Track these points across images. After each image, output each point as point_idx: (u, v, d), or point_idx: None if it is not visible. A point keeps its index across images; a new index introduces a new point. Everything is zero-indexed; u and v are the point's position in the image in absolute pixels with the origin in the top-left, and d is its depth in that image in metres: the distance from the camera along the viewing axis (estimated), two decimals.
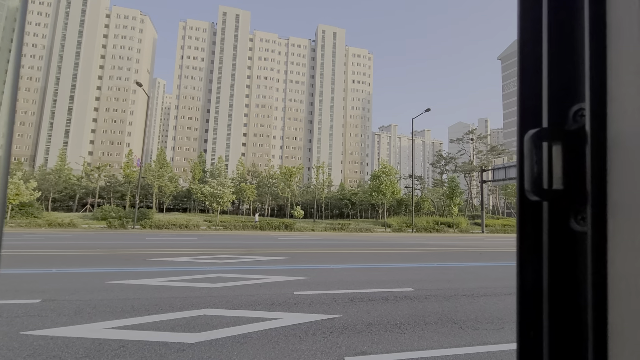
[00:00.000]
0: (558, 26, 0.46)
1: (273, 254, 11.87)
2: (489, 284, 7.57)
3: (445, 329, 4.45)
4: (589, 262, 0.43)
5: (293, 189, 39.60)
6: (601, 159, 0.43)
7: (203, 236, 19.81)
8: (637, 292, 0.37)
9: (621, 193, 0.41)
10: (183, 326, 4.28)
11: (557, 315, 0.48)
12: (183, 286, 6.47)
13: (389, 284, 7.26)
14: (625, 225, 0.39)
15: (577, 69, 0.45)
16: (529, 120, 0.50)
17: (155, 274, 7.60)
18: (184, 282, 6.86)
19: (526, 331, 0.50)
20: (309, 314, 4.92)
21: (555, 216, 0.49)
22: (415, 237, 23.76)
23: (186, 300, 5.45)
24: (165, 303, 5.29)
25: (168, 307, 5.06)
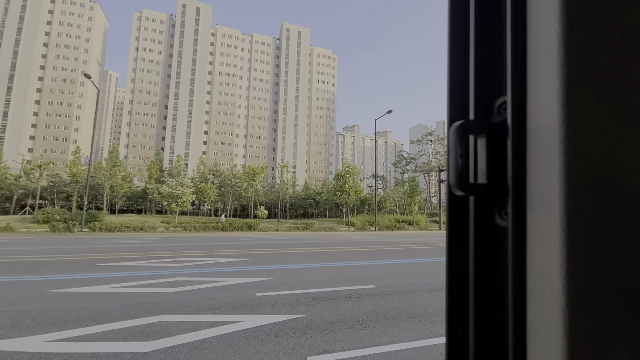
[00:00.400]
0: (483, 20, 0.47)
1: (235, 255, 11.56)
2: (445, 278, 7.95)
3: (405, 324, 4.59)
4: (510, 259, 0.43)
5: (257, 188, 38.90)
6: (521, 152, 0.42)
7: (160, 239, 18.81)
8: (551, 291, 0.37)
9: (539, 187, 0.40)
10: (136, 335, 4.01)
11: (482, 314, 0.47)
12: (136, 292, 6.07)
13: (352, 281, 7.36)
14: (542, 221, 0.39)
15: (500, 62, 0.46)
16: (457, 114, 0.50)
17: (105, 280, 7.06)
18: (137, 287, 6.44)
19: (454, 329, 0.49)
20: (271, 315, 4.84)
21: (480, 211, 0.48)
22: (378, 235, 24.42)
23: (140, 307, 5.12)
24: (116, 311, 4.93)
25: (119, 315, 4.72)
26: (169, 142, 79.44)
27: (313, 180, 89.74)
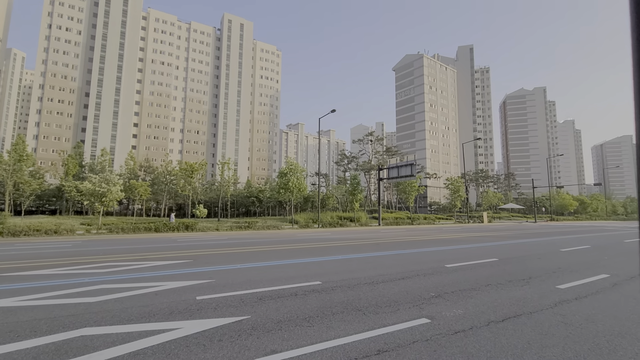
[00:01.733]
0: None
1: (171, 257, 10.74)
2: (385, 271, 8.36)
3: (350, 317, 4.70)
4: None
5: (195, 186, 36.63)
6: None
7: (80, 242, 16.65)
8: None
9: None
10: (50, 354, 3.45)
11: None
12: (50, 304, 5.25)
13: (297, 279, 7.33)
14: None
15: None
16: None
17: (7, 293, 6.00)
18: (50, 299, 5.58)
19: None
20: (214, 319, 4.57)
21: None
22: (321, 232, 24.79)
23: (55, 321, 4.44)
24: (24, 327, 4.20)
25: (29, 333, 4.03)
26: (90, 134, 70.79)
27: (256, 177, 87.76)
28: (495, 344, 3.79)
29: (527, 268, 8.93)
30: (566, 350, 3.65)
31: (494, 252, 12.29)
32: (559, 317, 4.82)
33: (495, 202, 66.07)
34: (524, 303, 5.54)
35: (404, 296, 5.88)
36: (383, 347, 3.69)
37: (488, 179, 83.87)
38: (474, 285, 6.85)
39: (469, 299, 5.73)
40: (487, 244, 15.95)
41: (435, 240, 17.80)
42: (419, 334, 4.06)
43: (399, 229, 29.81)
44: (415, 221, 40.42)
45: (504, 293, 6.19)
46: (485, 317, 4.77)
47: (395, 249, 13.26)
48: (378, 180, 36.86)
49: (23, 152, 33.41)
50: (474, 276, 7.78)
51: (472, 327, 4.32)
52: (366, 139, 60.98)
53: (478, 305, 5.34)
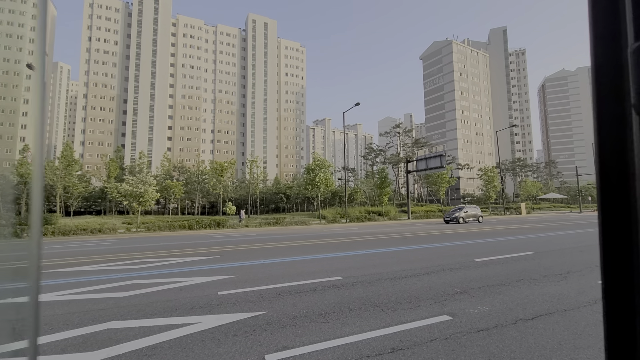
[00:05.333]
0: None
1: (200, 254, 11.14)
2: (409, 266, 8.11)
3: (367, 313, 4.59)
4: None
5: (226, 184, 37.78)
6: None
7: (120, 240, 17.78)
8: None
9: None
10: (77, 346, 3.67)
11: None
12: (84, 299, 5.62)
13: (318, 274, 7.30)
14: None
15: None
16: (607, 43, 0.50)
17: (50, 288, 6.49)
18: (86, 294, 5.97)
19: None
20: (231, 314, 4.65)
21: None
22: (348, 227, 24.66)
23: (86, 315, 4.73)
24: (58, 321, 4.51)
25: (61, 325, 4.32)
26: (129, 139, 75.20)
27: (284, 174, 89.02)
28: (522, 344, 3.53)
29: (566, 262, 8.30)
30: (603, 352, 3.32)
31: (530, 245, 11.55)
32: (598, 315, 4.41)
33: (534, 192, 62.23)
34: (558, 300, 5.13)
35: (426, 292, 5.66)
36: (398, 345, 3.56)
37: (526, 168, 79.14)
38: (504, 280, 6.46)
39: (496, 295, 5.41)
40: (523, 236, 15.05)
41: (466, 234, 17.08)
42: (438, 332, 3.88)
43: (429, 223, 28.96)
44: None
45: (537, 289, 5.77)
46: (513, 314, 4.46)
47: (423, 243, 12.87)
48: (406, 172, 35.96)
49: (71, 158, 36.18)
50: (505, 271, 7.34)
51: (497, 326, 4.06)
52: (393, 131, 59.63)
53: (506, 302, 5.02)
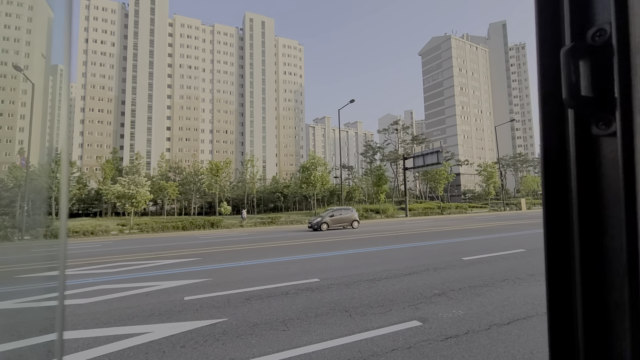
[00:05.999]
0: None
1: (184, 255, 10.88)
2: (393, 266, 7.82)
3: (334, 319, 4.30)
4: (620, 167, 0.43)
5: (222, 184, 37.57)
6: (626, 67, 0.44)
7: (110, 242, 17.56)
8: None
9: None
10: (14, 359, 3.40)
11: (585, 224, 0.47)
12: (42, 306, 5.36)
13: (296, 276, 7.03)
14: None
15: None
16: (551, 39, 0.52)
17: (15, 294, 6.25)
18: (45, 301, 5.71)
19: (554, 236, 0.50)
20: (189, 322, 4.37)
21: (580, 123, 0.50)
22: None
23: (36, 325, 4.47)
24: (4, 331, 4.25)
25: (7, 337, 4.05)
26: (128, 140, 75.06)
27: (284, 173, 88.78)
28: (490, 353, 3.24)
29: None
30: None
31: (523, 242, 11.23)
32: None
33: (535, 188, 61.65)
34: (540, 302, 4.83)
35: (403, 295, 5.37)
36: (355, 355, 3.27)
37: (527, 163, 78.50)
38: (488, 280, 6.16)
39: (476, 297, 5.11)
40: (519, 232, 14.71)
41: (460, 231, 16.76)
42: (403, 340, 3.59)
43: (426, 220, 28.61)
44: (445, 211, 38.67)
45: (521, 290, 5.47)
46: (489, 319, 4.17)
47: (414, 242, 12.57)
48: (404, 169, 35.57)
49: None
50: (491, 270, 7.04)
51: (469, 332, 3.77)
52: (391, 128, 59.15)
53: (484, 305, 4.73)
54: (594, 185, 0.48)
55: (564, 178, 0.51)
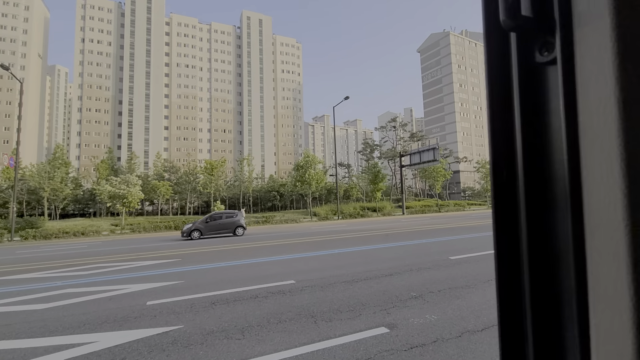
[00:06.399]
0: None
1: (166, 256, 10.58)
2: (376, 266, 7.50)
3: (296, 326, 3.99)
4: (561, 92, 0.41)
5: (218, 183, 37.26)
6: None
7: (99, 243, 17.28)
8: (607, 127, 0.36)
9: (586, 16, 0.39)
10: None
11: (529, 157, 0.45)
12: None
13: (272, 278, 6.72)
14: (592, 53, 0.38)
15: None
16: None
17: None
18: (6, 306, 5.41)
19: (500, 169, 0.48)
20: (141, 330, 4.06)
21: (523, 48, 0.47)
22: (338, 224, 24.06)
23: None
24: None
25: None
26: (125, 140, 74.79)
27: (282, 172, 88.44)
28: None
29: None
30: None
31: None
32: None
33: None
34: None
35: (377, 297, 5.05)
36: None
37: None
38: (472, 281, 5.84)
39: (454, 300, 4.79)
40: None
41: (454, 228, 16.44)
42: (363, 350, 3.27)
43: (423, 218, 28.29)
44: (443, 208, 38.33)
45: None
46: (463, 324, 3.85)
47: (404, 240, 12.25)
48: (400, 167, 35.23)
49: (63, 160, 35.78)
50: (477, 270, 6.72)
51: (437, 340, 3.45)
52: (389, 125, 58.74)
53: (462, 309, 4.41)
54: (538, 121, 0.45)
55: (509, 112, 0.48)
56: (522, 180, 0.45)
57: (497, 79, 0.48)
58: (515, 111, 0.47)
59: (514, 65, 0.47)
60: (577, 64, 0.39)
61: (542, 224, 0.44)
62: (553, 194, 0.43)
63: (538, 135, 0.45)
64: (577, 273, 0.39)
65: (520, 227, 0.46)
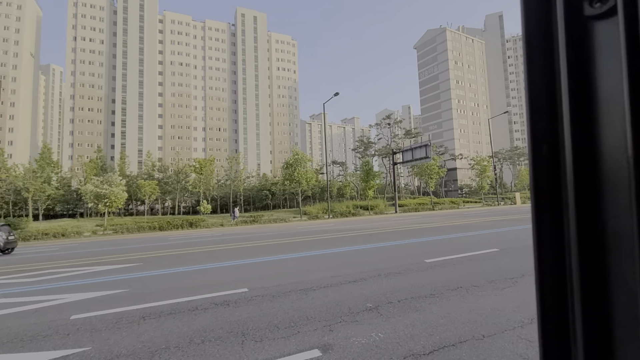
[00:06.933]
0: None
1: (125, 260, 9.99)
2: (346, 270, 6.95)
3: (218, 348, 3.44)
4: (623, 50, 0.35)
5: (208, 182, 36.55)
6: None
7: (74, 245, 16.69)
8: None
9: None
10: None
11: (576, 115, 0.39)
12: None
13: (227, 285, 6.16)
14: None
15: None
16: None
17: None
18: None
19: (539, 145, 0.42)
20: (38, 353, 3.50)
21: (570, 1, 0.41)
22: (326, 224, 23.49)
23: None
24: None
25: None
26: (119, 139, 74.01)
27: (278, 170, 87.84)
28: None
29: (528, 261, 7.09)
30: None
31: (501, 241, 10.36)
32: (521, 344, 3.24)
33: None
34: (486, 318, 3.95)
35: (328, 310, 4.49)
36: None
37: (524, 157, 77.48)
38: (439, 289, 5.28)
39: (411, 313, 4.24)
40: (502, 229, 13.84)
41: (442, 228, 15.90)
42: None
43: (415, 216, 27.75)
44: (437, 206, 37.80)
45: (470, 302, 4.59)
46: (409, 345, 3.29)
47: (386, 241, 11.70)
48: (392, 164, 34.66)
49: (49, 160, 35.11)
50: (449, 276, 6.17)
51: None
52: (383, 122, 58.10)
53: (415, 324, 3.85)
54: (588, 81, 0.39)
55: (552, 78, 0.42)
56: (569, 156, 0.39)
57: (537, 36, 0.42)
58: (562, 76, 0.40)
59: (560, 18, 0.40)
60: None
61: (595, 207, 0.37)
62: (610, 172, 0.36)
63: (589, 104, 0.39)
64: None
65: (568, 210, 0.39)
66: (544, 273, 0.41)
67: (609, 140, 0.36)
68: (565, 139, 0.39)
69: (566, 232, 0.39)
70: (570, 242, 0.39)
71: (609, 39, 0.36)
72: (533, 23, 0.42)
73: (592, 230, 0.38)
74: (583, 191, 0.38)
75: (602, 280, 0.37)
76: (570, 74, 0.39)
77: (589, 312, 0.38)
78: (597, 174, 0.37)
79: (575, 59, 0.39)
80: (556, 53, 0.41)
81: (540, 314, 0.42)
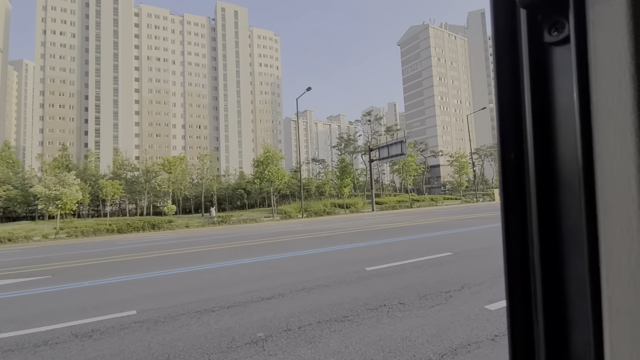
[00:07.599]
0: None
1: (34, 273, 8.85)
2: (271, 283, 6.08)
3: None
4: (574, 74, 0.41)
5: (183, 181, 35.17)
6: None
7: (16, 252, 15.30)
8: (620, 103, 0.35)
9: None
10: None
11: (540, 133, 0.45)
12: None
13: (117, 305, 5.20)
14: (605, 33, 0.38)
15: None
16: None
17: None
18: None
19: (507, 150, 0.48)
20: None
21: (532, 27, 0.47)
22: (295, 224, 22.58)
23: None
24: None
25: None
26: (93, 137, 71.12)
27: None
28: None
29: (473, 270, 6.38)
30: None
31: (458, 243, 9.70)
32: None
33: None
34: (386, 356, 3.14)
35: (202, 344, 3.60)
36: None
37: None
38: (357, 309, 4.47)
39: (300, 348, 3.40)
40: (467, 229, 13.25)
41: (409, 227, 15.25)
42: None
43: (389, 214, 27.17)
44: (416, 204, 37.42)
45: (380, 329, 3.78)
46: None
47: (342, 244, 10.90)
48: (369, 161, 34.07)
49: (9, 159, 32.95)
50: (380, 288, 5.37)
51: None
52: (364, 119, 57.52)
53: None
54: (547, 97, 0.45)
55: (517, 92, 0.47)
56: (532, 162, 0.45)
57: (504, 59, 0.48)
58: (526, 93, 0.46)
59: (524, 44, 0.46)
60: (591, 43, 0.38)
61: (553, 206, 0.44)
62: (565, 175, 0.43)
63: (547, 118, 0.44)
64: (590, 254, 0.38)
65: (530, 209, 0.45)
66: (512, 264, 0.48)
67: (564, 149, 0.43)
68: (529, 148, 0.45)
69: (529, 228, 0.46)
70: (533, 236, 0.45)
71: (564, 62, 0.43)
72: (501, 48, 0.48)
73: (550, 226, 0.44)
74: (543, 193, 0.44)
75: (558, 268, 0.43)
76: (533, 91, 0.45)
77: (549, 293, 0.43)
78: (555, 178, 0.43)
79: (536, 78, 0.45)
80: (521, 73, 0.46)
81: (509, 303, 0.47)
